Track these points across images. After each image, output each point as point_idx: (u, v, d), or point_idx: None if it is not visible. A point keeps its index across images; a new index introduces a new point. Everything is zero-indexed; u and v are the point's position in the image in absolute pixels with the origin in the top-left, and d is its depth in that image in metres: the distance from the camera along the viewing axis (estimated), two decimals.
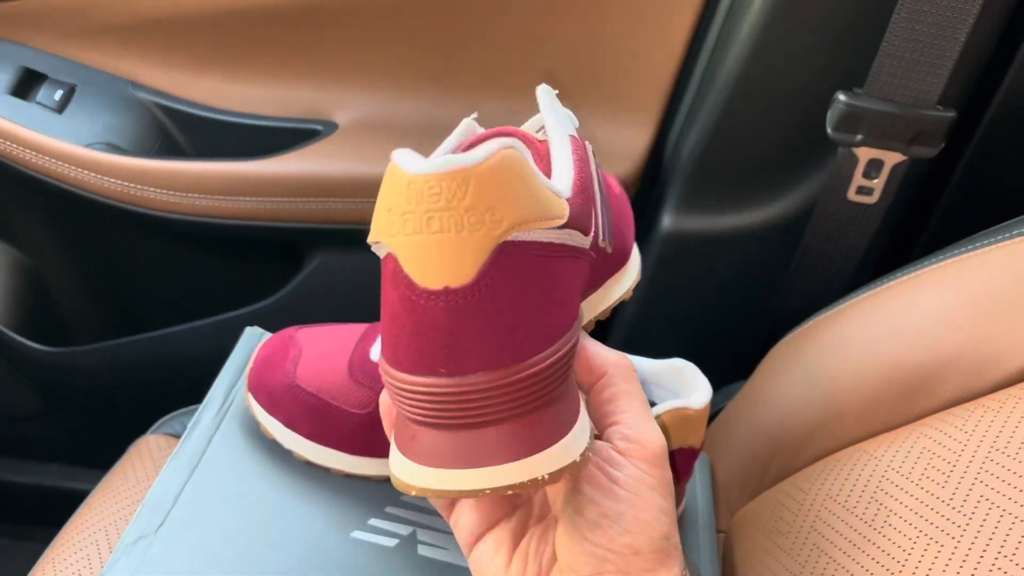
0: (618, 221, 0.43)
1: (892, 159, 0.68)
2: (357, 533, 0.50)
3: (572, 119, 0.40)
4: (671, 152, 0.80)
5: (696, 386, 0.51)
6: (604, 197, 0.39)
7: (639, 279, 0.44)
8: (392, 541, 0.50)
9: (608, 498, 0.34)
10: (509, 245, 0.29)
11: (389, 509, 0.51)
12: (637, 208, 0.83)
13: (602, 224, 0.37)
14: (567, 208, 0.32)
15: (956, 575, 0.40)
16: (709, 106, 0.73)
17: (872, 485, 0.48)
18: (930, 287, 0.56)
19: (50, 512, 0.74)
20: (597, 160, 0.40)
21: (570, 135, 0.38)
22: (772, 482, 0.58)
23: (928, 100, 0.65)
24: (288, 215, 0.79)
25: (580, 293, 0.35)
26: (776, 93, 0.71)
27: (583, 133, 0.40)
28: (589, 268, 0.36)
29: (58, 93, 0.80)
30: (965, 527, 0.41)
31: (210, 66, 0.82)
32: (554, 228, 0.31)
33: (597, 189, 0.38)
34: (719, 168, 0.76)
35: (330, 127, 0.82)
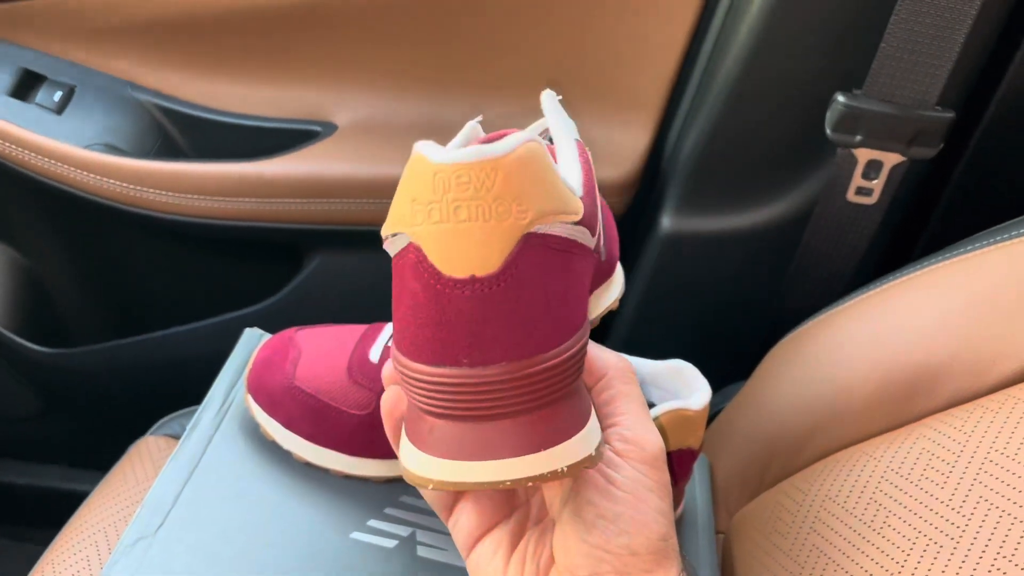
0: (608, 231, 0.43)
1: (891, 160, 0.68)
2: (356, 534, 0.50)
3: (573, 126, 0.40)
4: (670, 153, 0.80)
5: (695, 387, 0.51)
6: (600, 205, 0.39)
7: (623, 291, 0.44)
8: (391, 542, 0.50)
9: (606, 499, 0.34)
10: (533, 236, 0.30)
11: (388, 510, 0.51)
12: (636, 209, 0.84)
13: (601, 229, 0.37)
14: (582, 205, 0.32)
15: None
16: (708, 107, 0.73)
17: (871, 486, 0.48)
18: (929, 288, 0.56)
19: (50, 513, 0.74)
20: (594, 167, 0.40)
21: (575, 139, 0.38)
22: (771, 483, 0.58)
23: (927, 101, 0.65)
24: (287, 216, 0.79)
25: (589, 292, 0.35)
26: (775, 94, 0.71)
27: (582, 136, 0.40)
28: (593, 269, 0.36)
29: (57, 94, 0.80)
30: (964, 528, 0.41)
31: (209, 67, 0.82)
32: (571, 223, 0.31)
33: (597, 194, 0.38)
34: (718, 169, 0.76)
35: (329, 128, 0.82)
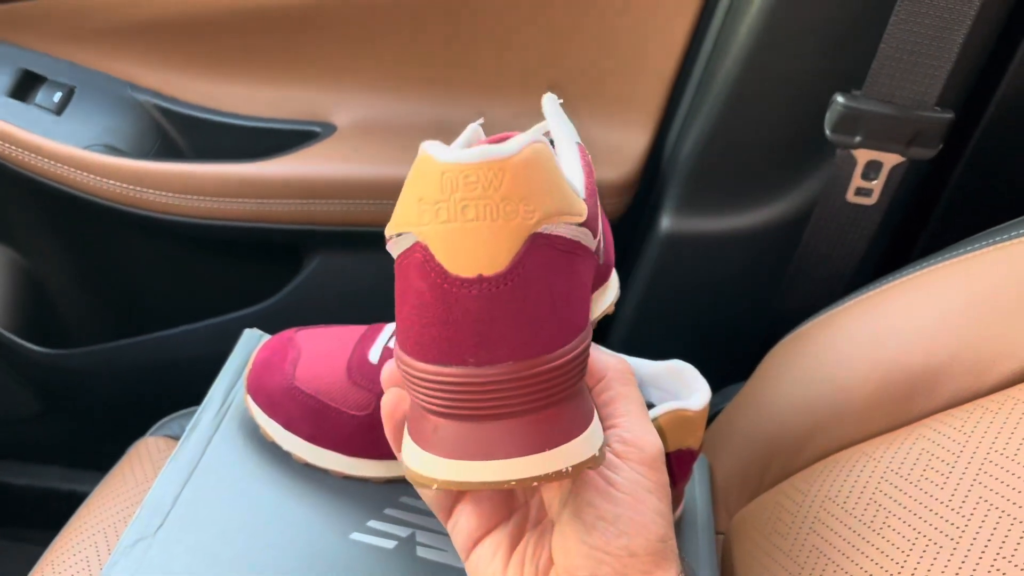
0: (604, 235, 0.43)
1: (891, 160, 0.68)
2: (356, 535, 0.50)
3: (573, 129, 0.40)
4: (670, 154, 0.80)
5: (695, 387, 0.51)
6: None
7: (619, 295, 0.44)
8: (391, 543, 0.50)
9: (605, 501, 0.34)
10: (540, 236, 0.30)
11: (388, 511, 0.51)
12: (636, 210, 0.84)
13: (600, 232, 0.38)
14: (585, 206, 0.32)
15: None
16: (707, 108, 0.73)
17: (871, 486, 0.48)
18: (929, 288, 0.56)
19: (49, 514, 0.74)
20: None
21: (577, 142, 0.38)
22: (771, 483, 0.58)
23: (926, 101, 0.65)
24: (287, 217, 0.79)
25: (591, 293, 0.35)
26: (774, 95, 0.71)
27: (582, 136, 0.40)
28: (594, 272, 0.36)
29: (57, 95, 0.80)
30: (964, 528, 0.41)
31: (209, 68, 0.82)
32: (575, 225, 0.32)
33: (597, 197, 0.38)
34: (718, 170, 0.76)
35: (328, 129, 0.82)
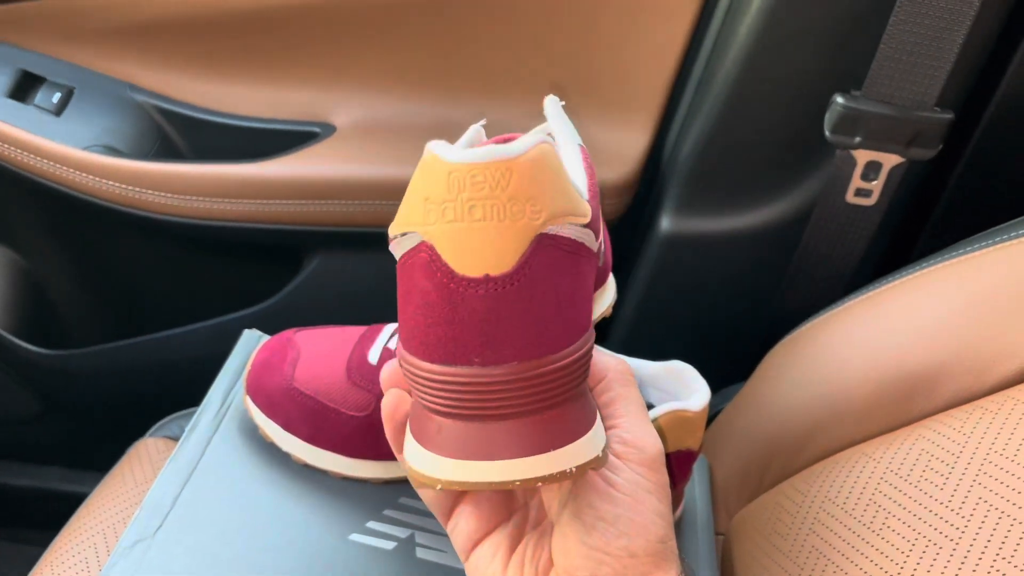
0: (604, 237, 0.43)
1: (890, 161, 0.68)
2: (355, 536, 0.50)
3: (575, 131, 0.40)
4: (669, 154, 0.80)
5: (694, 388, 0.51)
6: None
7: (615, 298, 0.44)
8: (390, 544, 0.50)
9: (605, 501, 0.34)
10: (546, 237, 0.30)
11: (387, 512, 0.51)
12: (635, 210, 0.84)
13: (601, 233, 0.38)
14: (589, 208, 0.32)
15: None
16: (707, 108, 0.73)
17: (871, 487, 0.48)
18: (929, 289, 0.56)
19: (48, 514, 0.74)
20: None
21: (579, 144, 0.39)
22: (771, 484, 0.58)
23: (926, 102, 0.65)
24: (286, 217, 0.79)
25: (593, 294, 0.35)
26: (774, 95, 0.71)
27: (582, 137, 0.40)
28: (595, 273, 0.36)
29: (56, 96, 0.80)
30: (964, 529, 0.41)
31: (208, 68, 0.82)
32: (580, 225, 0.32)
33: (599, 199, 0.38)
34: (717, 170, 0.76)
35: (328, 129, 0.82)
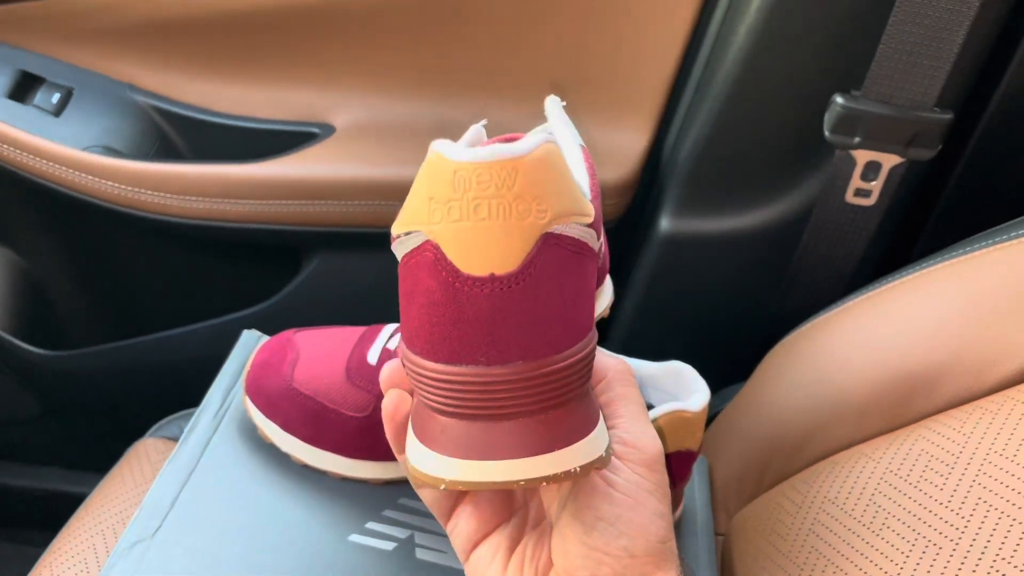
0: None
1: (890, 161, 0.68)
2: (354, 537, 0.50)
3: (576, 132, 0.40)
4: (669, 154, 0.80)
5: (694, 388, 0.51)
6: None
7: (612, 299, 0.44)
8: (390, 545, 0.50)
9: (605, 502, 0.34)
10: (551, 236, 0.30)
11: (387, 512, 0.51)
12: (635, 210, 0.84)
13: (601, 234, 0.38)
14: (593, 208, 0.32)
15: None
16: (707, 108, 0.73)
17: (870, 487, 0.48)
18: (928, 289, 0.56)
19: (48, 515, 0.74)
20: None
21: (580, 145, 0.39)
22: (770, 484, 0.58)
23: (926, 102, 0.65)
24: (285, 218, 0.79)
25: (595, 294, 0.35)
26: (773, 95, 0.71)
27: (581, 137, 0.40)
28: (597, 273, 0.36)
29: (55, 96, 0.80)
30: (963, 529, 0.41)
31: (207, 69, 0.82)
32: (584, 225, 0.32)
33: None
34: (717, 170, 0.76)
35: (327, 130, 0.82)
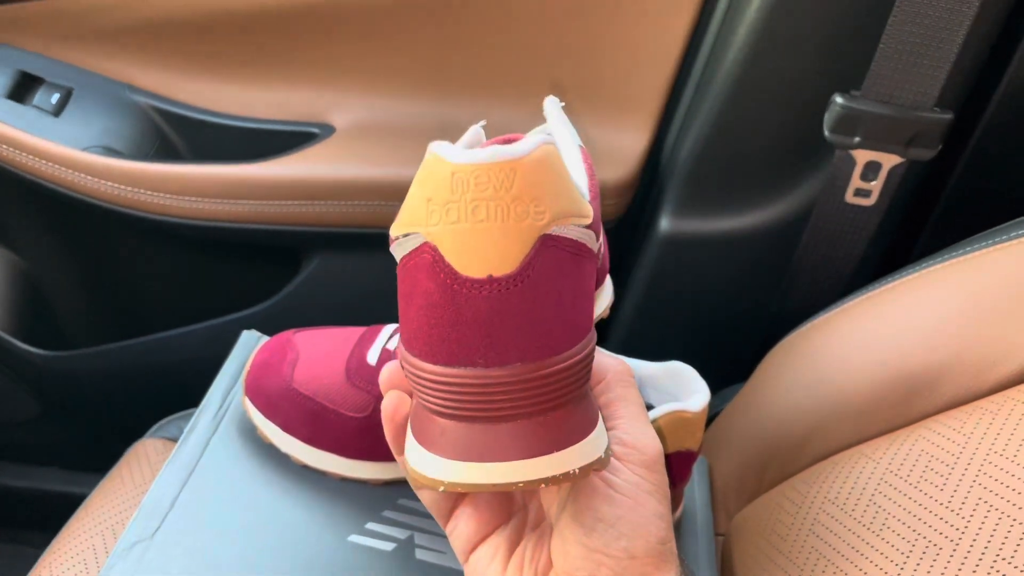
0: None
1: (890, 161, 0.68)
2: (354, 537, 0.50)
3: (575, 132, 0.40)
4: (668, 154, 0.80)
5: (694, 389, 0.51)
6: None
7: (612, 300, 0.44)
8: (389, 545, 0.50)
9: (605, 503, 0.34)
10: (549, 238, 0.30)
11: (386, 513, 0.51)
12: (635, 211, 0.84)
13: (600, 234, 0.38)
14: (591, 209, 0.32)
15: None
16: (706, 108, 0.73)
17: (870, 488, 0.48)
18: (928, 289, 0.56)
19: (47, 516, 0.74)
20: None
21: (579, 146, 0.38)
22: (770, 485, 0.58)
23: (925, 102, 0.65)
24: (285, 218, 0.79)
25: (594, 295, 0.35)
26: (773, 95, 0.71)
27: (581, 138, 0.40)
28: (596, 275, 0.36)
29: (55, 96, 0.80)
30: (963, 530, 0.41)
31: (207, 69, 0.82)
32: (583, 226, 0.32)
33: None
34: (717, 170, 0.76)
35: (327, 130, 0.82)
